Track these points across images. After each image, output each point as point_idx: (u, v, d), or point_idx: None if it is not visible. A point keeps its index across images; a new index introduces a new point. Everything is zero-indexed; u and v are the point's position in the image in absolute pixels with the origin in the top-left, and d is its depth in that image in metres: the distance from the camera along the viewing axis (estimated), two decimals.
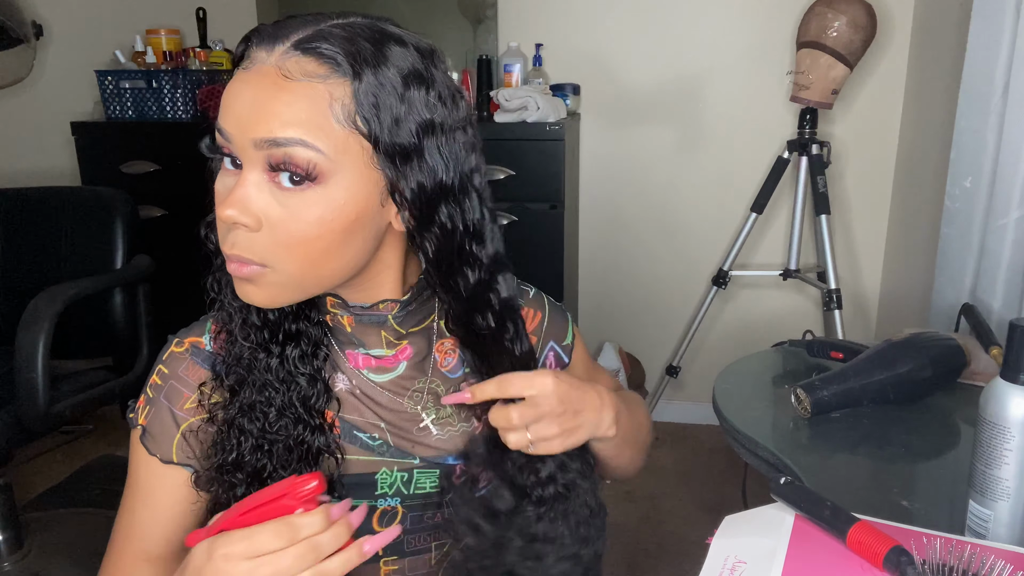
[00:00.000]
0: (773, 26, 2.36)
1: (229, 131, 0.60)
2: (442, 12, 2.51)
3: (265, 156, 0.59)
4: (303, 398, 0.70)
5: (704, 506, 2.20)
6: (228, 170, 0.63)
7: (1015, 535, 0.72)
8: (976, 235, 1.54)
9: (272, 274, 0.62)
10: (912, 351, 1.10)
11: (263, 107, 0.58)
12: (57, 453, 2.52)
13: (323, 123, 0.58)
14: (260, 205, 0.60)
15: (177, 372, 0.73)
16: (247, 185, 0.60)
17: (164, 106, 2.42)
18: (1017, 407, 0.69)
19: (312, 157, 0.58)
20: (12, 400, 1.62)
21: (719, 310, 2.60)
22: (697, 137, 2.50)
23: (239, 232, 0.61)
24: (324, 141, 0.58)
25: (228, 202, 0.60)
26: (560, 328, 0.85)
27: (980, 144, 1.51)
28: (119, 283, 1.88)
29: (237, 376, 0.70)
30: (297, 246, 0.61)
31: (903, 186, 2.37)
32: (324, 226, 0.60)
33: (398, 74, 0.60)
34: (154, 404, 0.74)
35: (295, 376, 0.70)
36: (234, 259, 0.62)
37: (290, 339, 0.70)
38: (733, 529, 0.72)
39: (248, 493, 0.68)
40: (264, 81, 0.58)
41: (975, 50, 1.51)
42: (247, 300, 0.64)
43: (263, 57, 0.60)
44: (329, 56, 0.58)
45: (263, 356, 0.69)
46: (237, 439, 0.69)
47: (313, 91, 0.58)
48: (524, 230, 2.14)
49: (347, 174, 0.60)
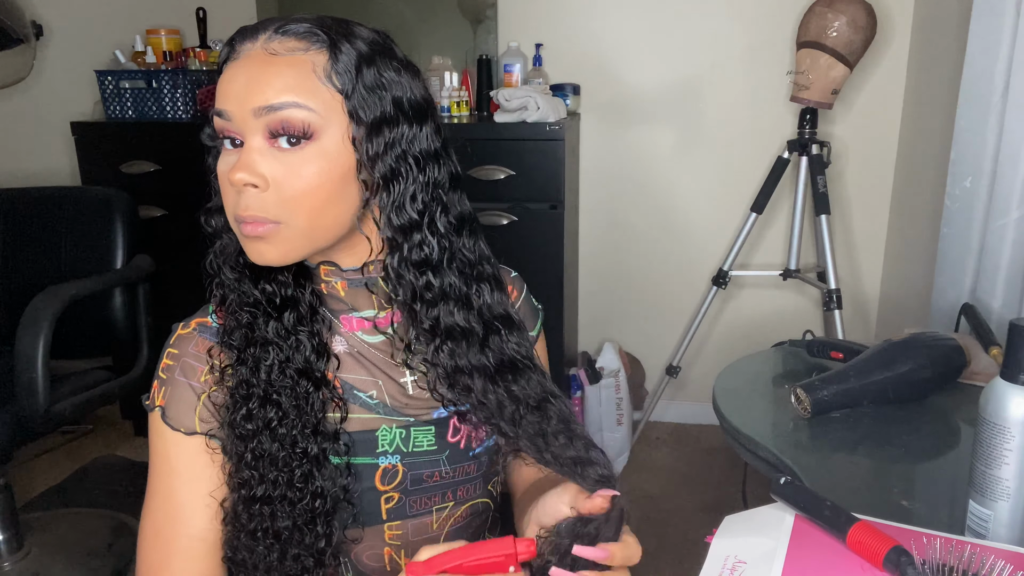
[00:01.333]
0: (773, 26, 2.36)
1: (229, 109, 0.67)
2: (442, 12, 2.51)
3: (265, 123, 0.66)
4: (304, 354, 0.74)
5: (704, 506, 2.20)
6: (229, 150, 0.70)
7: (1015, 535, 0.72)
8: (976, 235, 1.54)
9: (285, 229, 0.68)
10: (912, 351, 1.10)
11: (257, 81, 0.66)
12: (57, 453, 2.52)
13: (310, 85, 0.67)
14: (265, 167, 0.67)
15: (188, 350, 0.76)
16: (251, 152, 0.67)
17: (164, 106, 2.42)
18: (1017, 407, 0.69)
19: (306, 116, 0.66)
20: (12, 400, 1.62)
21: (719, 310, 2.61)
22: (697, 137, 2.50)
23: (249, 194, 0.67)
24: (314, 100, 0.67)
25: (236, 167, 0.66)
26: (530, 318, 0.90)
27: (980, 144, 1.51)
28: (119, 283, 1.88)
29: (241, 336, 0.74)
30: (303, 198, 0.67)
31: (903, 186, 2.37)
32: (323, 176, 0.68)
33: (364, 43, 0.70)
34: (169, 383, 0.76)
35: (294, 334, 0.74)
36: (249, 219, 0.68)
37: (286, 305, 0.75)
38: (733, 529, 0.73)
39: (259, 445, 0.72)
40: (254, 62, 0.67)
41: (975, 50, 1.51)
42: (261, 260, 0.69)
43: (248, 47, 0.68)
44: (305, 32, 0.68)
45: (262, 320, 0.74)
46: (246, 392, 0.73)
47: (297, 61, 0.67)
48: (524, 230, 2.14)
49: (336, 128, 0.68)
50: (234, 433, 0.73)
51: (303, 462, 0.72)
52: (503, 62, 2.35)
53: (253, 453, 0.72)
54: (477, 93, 2.41)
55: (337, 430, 0.75)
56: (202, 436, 0.75)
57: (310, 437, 0.73)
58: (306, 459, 0.72)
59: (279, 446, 0.72)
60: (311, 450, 0.72)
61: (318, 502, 0.73)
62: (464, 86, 2.39)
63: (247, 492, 0.72)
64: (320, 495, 0.73)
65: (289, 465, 0.72)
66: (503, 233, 2.13)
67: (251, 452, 0.72)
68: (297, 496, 0.72)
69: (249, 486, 0.72)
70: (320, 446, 0.73)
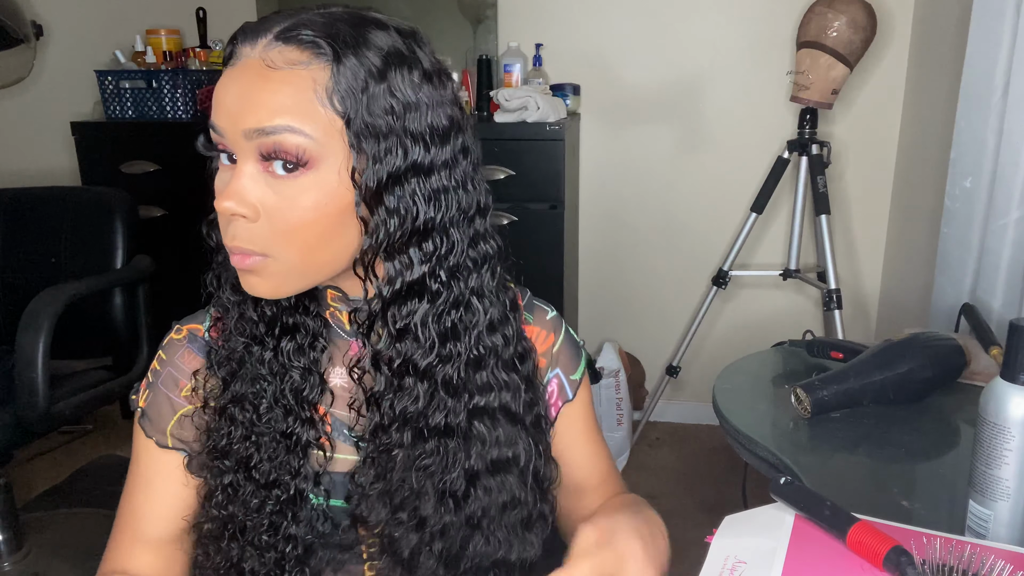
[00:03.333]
0: (773, 26, 2.36)
1: (221, 126, 0.61)
2: (442, 12, 2.51)
3: (256, 146, 0.60)
4: (295, 390, 0.70)
5: (704, 506, 2.20)
6: (225, 165, 0.64)
7: (1015, 535, 0.72)
8: (976, 235, 1.54)
9: (274, 263, 0.62)
10: (912, 351, 1.10)
11: (250, 98, 0.59)
12: (57, 453, 2.52)
13: (309, 108, 0.59)
14: (256, 195, 0.61)
15: (173, 359, 0.75)
16: (242, 177, 0.61)
17: (164, 106, 2.42)
18: (1017, 407, 0.69)
19: (301, 143, 0.59)
20: (12, 400, 1.62)
21: (719, 310, 2.60)
22: (697, 137, 2.50)
23: (238, 223, 0.61)
24: (311, 126, 0.59)
25: (225, 194, 0.61)
26: (572, 360, 0.82)
27: (980, 144, 1.51)
28: (119, 283, 1.88)
29: (229, 369, 0.71)
30: (295, 232, 0.61)
31: (903, 186, 2.37)
32: (319, 211, 0.61)
33: (378, 55, 0.60)
34: (153, 389, 0.75)
35: (289, 369, 0.70)
36: (236, 251, 0.63)
37: (287, 332, 0.70)
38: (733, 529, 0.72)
39: (235, 481, 0.69)
40: (249, 74, 0.60)
41: (975, 50, 1.51)
42: (252, 292, 0.65)
43: (247, 52, 0.61)
44: (309, 41, 0.59)
45: (257, 349, 0.70)
46: (228, 428, 0.70)
47: (297, 78, 0.59)
48: (524, 230, 2.14)
49: (338, 158, 0.61)
50: (210, 464, 0.71)
51: (277, 505, 0.69)
52: (503, 62, 2.35)
53: (225, 492, 0.70)
54: (477, 93, 2.41)
55: (318, 472, 0.71)
56: (173, 451, 0.74)
57: (288, 478, 0.69)
58: (279, 503, 0.69)
59: (254, 488, 0.69)
60: (289, 491, 0.69)
61: (289, 547, 0.70)
62: (464, 86, 2.40)
63: (216, 528, 0.71)
64: (292, 539, 0.70)
65: (262, 509, 0.69)
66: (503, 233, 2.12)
67: (223, 490, 0.70)
68: (266, 542, 0.70)
69: (219, 521, 0.71)
70: (299, 487, 0.70)
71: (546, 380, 0.80)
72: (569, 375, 0.82)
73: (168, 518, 0.75)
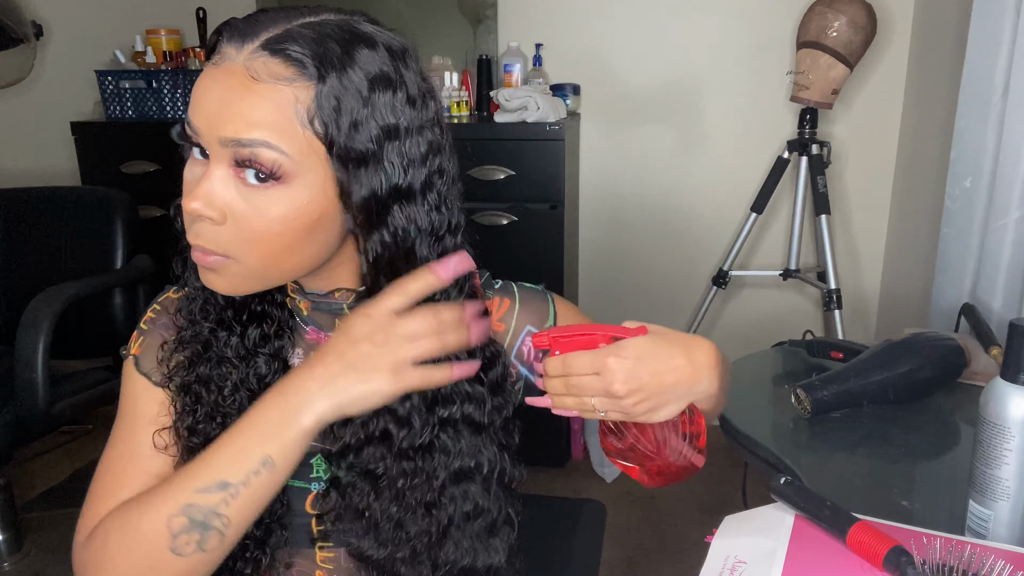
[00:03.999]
0: (773, 26, 2.36)
1: (197, 126, 0.61)
2: (442, 12, 2.51)
3: (231, 153, 0.60)
4: (259, 376, 0.71)
5: (704, 506, 2.20)
6: (196, 159, 0.64)
7: (1015, 535, 0.72)
8: (976, 235, 1.54)
9: (235, 265, 0.63)
10: (912, 351, 1.10)
11: (230, 107, 0.59)
12: (57, 453, 2.52)
13: (287, 126, 0.59)
14: (225, 199, 0.61)
15: (169, 310, 0.76)
16: (213, 179, 0.61)
17: (164, 106, 2.42)
18: (1017, 407, 0.69)
19: (276, 158, 0.59)
20: (12, 400, 1.62)
21: (719, 310, 2.60)
22: (697, 137, 2.50)
23: (204, 224, 0.62)
24: (288, 143, 0.59)
25: (194, 195, 0.61)
26: (537, 311, 0.81)
27: (980, 144, 1.51)
28: (119, 283, 1.88)
29: (194, 350, 0.72)
30: (259, 241, 0.62)
31: (903, 186, 2.37)
32: (287, 224, 0.61)
33: (364, 77, 0.61)
34: (147, 334, 0.76)
35: (254, 355, 0.71)
36: (198, 249, 0.63)
37: (254, 319, 0.72)
38: (733, 529, 0.73)
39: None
40: (232, 81, 0.59)
41: (975, 50, 1.51)
42: (210, 287, 0.66)
43: (232, 54, 0.60)
44: (296, 59, 0.59)
45: (224, 334, 0.71)
46: (192, 407, 0.71)
47: (279, 94, 0.59)
48: (524, 230, 2.14)
49: (311, 175, 0.61)
50: (181, 443, 0.71)
51: None
52: (503, 62, 2.35)
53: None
54: (477, 93, 2.41)
55: None
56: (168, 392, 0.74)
57: None
58: None
59: None
60: None
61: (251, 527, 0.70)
62: (464, 86, 2.39)
63: None
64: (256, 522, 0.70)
65: None
66: (503, 233, 2.13)
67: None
68: None
69: None
70: None
71: (517, 344, 0.80)
72: (542, 325, 0.81)
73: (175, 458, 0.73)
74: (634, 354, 0.65)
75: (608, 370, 0.64)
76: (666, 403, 0.66)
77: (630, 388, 0.64)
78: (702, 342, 0.69)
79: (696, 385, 0.67)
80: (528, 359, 0.80)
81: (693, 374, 0.67)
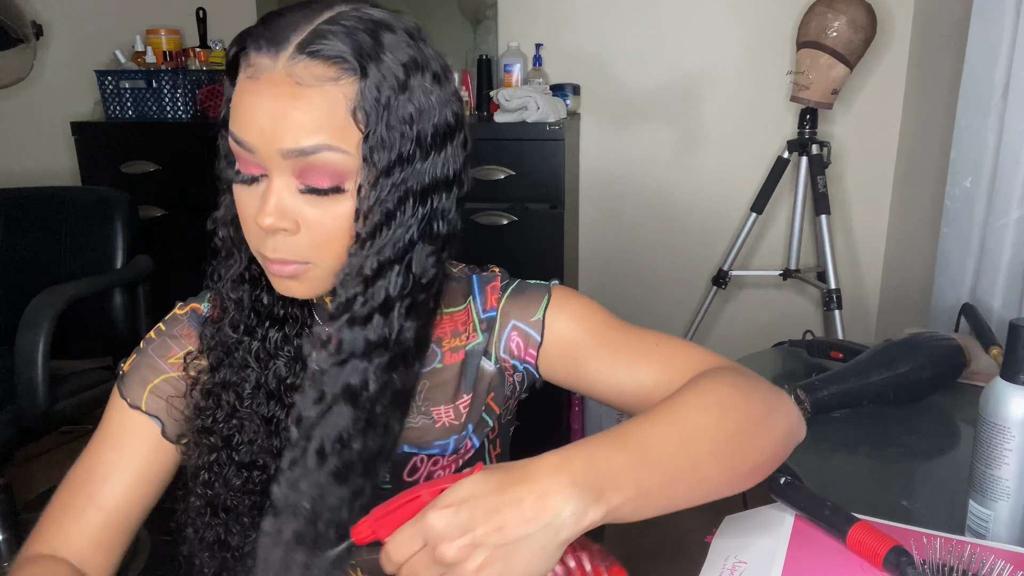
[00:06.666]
0: (773, 26, 2.36)
1: (253, 143, 0.60)
2: (442, 12, 2.51)
3: (292, 164, 0.60)
4: (279, 377, 0.72)
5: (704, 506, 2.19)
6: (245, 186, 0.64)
7: (1015, 535, 0.72)
8: (976, 235, 1.54)
9: (314, 269, 0.65)
10: (912, 351, 1.10)
11: (284, 118, 0.59)
12: (57, 453, 2.52)
13: (343, 124, 0.60)
14: (295, 208, 0.62)
15: (173, 331, 0.77)
16: (280, 192, 0.61)
17: (164, 106, 2.42)
18: (1017, 407, 0.69)
19: (340, 159, 0.60)
20: (12, 400, 1.62)
21: (719, 310, 2.60)
22: (697, 137, 2.50)
23: (279, 237, 0.63)
24: (346, 141, 0.60)
25: (265, 211, 0.61)
26: (526, 305, 0.78)
27: (980, 144, 1.51)
28: (119, 283, 1.88)
29: (217, 356, 0.72)
30: (335, 242, 0.63)
31: (903, 186, 2.36)
32: (352, 218, 0.62)
33: (398, 63, 0.61)
34: (140, 353, 0.77)
35: (275, 357, 0.72)
36: (277, 261, 0.64)
37: (276, 323, 0.72)
38: (733, 529, 0.73)
39: (220, 459, 0.72)
40: (278, 91, 0.59)
41: (975, 50, 1.51)
42: (288, 294, 0.67)
43: (268, 65, 0.60)
44: (336, 57, 0.59)
45: (247, 340, 0.72)
46: (213, 409, 0.72)
47: (328, 95, 0.59)
48: (524, 230, 2.14)
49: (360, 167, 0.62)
50: (197, 442, 0.72)
51: (258, 485, 0.71)
52: (503, 62, 2.35)
53: (211, 470, 0.72)
54: (477, 93, 2.41)
55: None
56: (145, 415, 0.75)
57: (268, 459, 0.71)
58: (260, 483, 0.71)
59: (235, 468, 0.71)
60: (269, 471, 0.71)
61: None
62: (464, 86, 2.40)
63: (202, 505, 0.72)
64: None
65: (243, 488, 0.71)
66: (503, 233, 2.13)
67: (208, 468, 0.72)
68: (248, 521, 0.71)
69: (205, 499, 0.72)
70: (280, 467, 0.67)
71: (503, 340, 0.78)
72: (529, 319, 0.77)
73: (130, 484, 0.74)
74: (457, 498, 0.50)
75: (431, 531, 0.50)
76: (521, 558, 0.50)
77: (462, 545, 0.49)
78: (550, 457, 0.54)
79: (556, 518, 0.50)
80: (517, 353, 0.78)
81: (543, 504, 0.50)
